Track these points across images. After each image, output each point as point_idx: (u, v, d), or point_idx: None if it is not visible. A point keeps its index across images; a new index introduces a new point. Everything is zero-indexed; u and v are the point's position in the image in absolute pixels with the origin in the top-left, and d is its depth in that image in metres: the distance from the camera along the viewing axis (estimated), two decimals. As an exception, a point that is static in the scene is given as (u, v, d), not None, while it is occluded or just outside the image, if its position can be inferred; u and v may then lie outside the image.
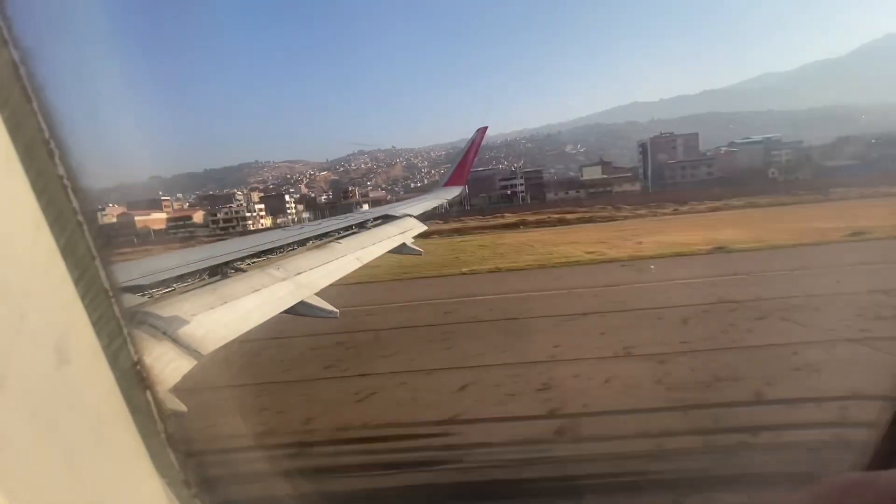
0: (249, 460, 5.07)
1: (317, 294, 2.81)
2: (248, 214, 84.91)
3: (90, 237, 0.73)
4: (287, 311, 2.56)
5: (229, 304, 2.13)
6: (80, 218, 0.73)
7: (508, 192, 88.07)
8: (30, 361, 0.61)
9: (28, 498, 0.57)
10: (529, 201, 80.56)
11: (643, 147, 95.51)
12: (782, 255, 15.48)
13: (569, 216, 43.99)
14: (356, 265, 3.52)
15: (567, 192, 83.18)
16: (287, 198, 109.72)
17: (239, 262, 2.74)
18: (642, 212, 44.38)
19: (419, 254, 4.65)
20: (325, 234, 3.98)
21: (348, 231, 4.36)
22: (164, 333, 1.65)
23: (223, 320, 1.98)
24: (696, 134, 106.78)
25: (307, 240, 3.67)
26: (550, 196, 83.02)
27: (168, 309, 1.83)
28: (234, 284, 2.36)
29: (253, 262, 2.85)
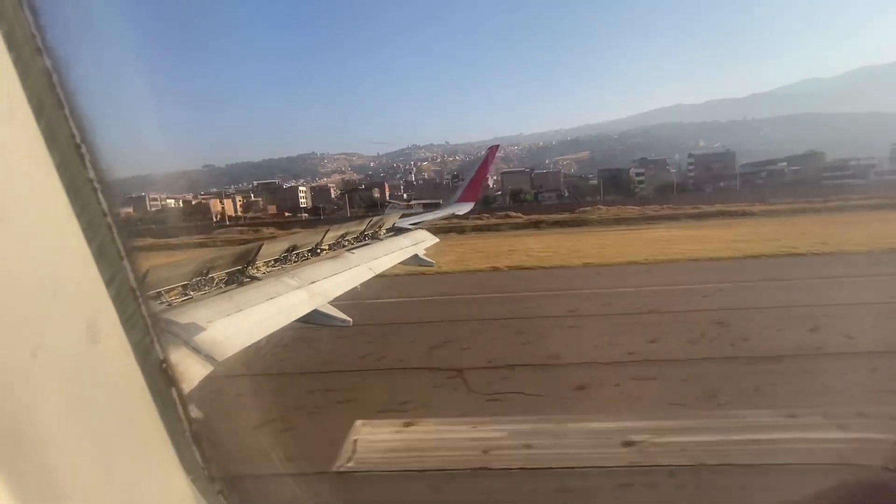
0: (269, 464, 5.01)
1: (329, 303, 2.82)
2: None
3: (117, 233, 0.76)
4: (300, 320, 2.57)
5: (244, 311, 2.14)
6: (109, 220, 0.76)
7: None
8: (63, 333, 0.63)
9: (58, 472, 0.58)
10: None
11: None
12: None
13: None
14: (369, 275, 3.53)
15: None
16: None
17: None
18: None
19: (431, 265, 4.65)
20: None
21: (361, 242, 4.38)
22: (181, 339, 1.67)
23: (238, 327, 1.99)
24: None
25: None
26: None
27: (185, 315, 1.84)
28: (249, 292, 2.38)
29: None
